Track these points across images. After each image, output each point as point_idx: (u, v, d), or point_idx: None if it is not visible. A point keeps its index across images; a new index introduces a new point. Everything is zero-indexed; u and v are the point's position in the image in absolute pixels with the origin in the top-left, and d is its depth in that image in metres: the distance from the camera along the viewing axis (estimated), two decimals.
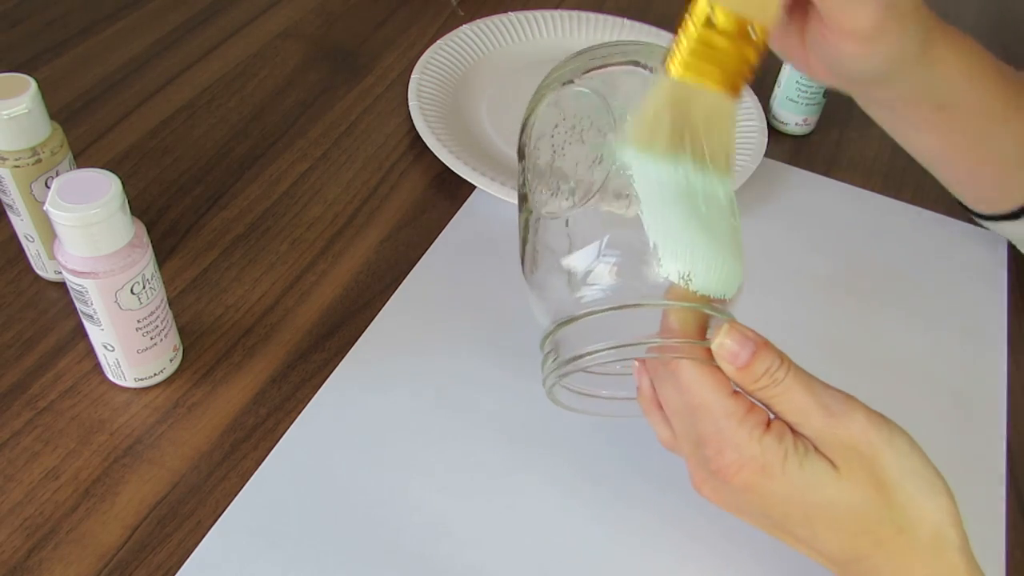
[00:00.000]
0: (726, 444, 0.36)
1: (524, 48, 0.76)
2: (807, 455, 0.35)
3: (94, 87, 0.67)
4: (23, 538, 0.42)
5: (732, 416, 0.36)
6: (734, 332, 0.35)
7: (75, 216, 0.38)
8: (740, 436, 0.35)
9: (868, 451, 0.35)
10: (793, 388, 0.35)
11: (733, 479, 0.36)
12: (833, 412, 0.35)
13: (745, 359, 0.35)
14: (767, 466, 0.35)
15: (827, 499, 0.35)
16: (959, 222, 0.65)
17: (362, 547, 0.42)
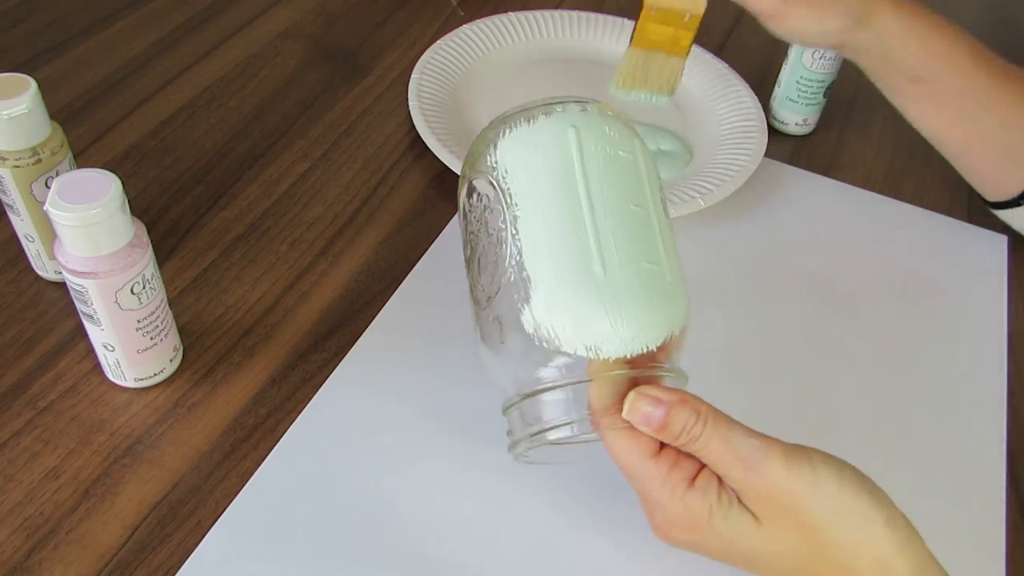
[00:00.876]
0: (655, 505, 0.38)
1: (524, 48, 0.76)
2: (731, 508, 0.36)
3: (94, 87, 0.67)
4: (23, 538, 0.42)
5: (654, 479, 0.37)
6: (642, 398, 0.36)
7: (75, 216, 0.38)
8: (663, 497, 0.37)
9: (788, 501, 0.35)
10: (712, 441, 0.36)
11: (669, 536, 0.38)
12: (750, 465, 0.35)
13: (659, 420, 0.36)
14: (693, 522, 0.37)
15: (752, 549, 0.36)
16: (959, 221, 0.65)
17: (361, 547, 0.42)
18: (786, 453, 0.35)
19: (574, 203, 0.38)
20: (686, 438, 0.36)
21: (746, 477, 0.35)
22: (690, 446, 0.36)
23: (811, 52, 0.67)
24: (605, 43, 0.77)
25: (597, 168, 0.39)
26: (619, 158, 0.40)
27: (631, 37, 0.56)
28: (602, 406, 0.37)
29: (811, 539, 0.35)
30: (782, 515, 0.35)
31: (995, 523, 0.47)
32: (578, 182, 0.38)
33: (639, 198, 0.39)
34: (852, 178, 0.68)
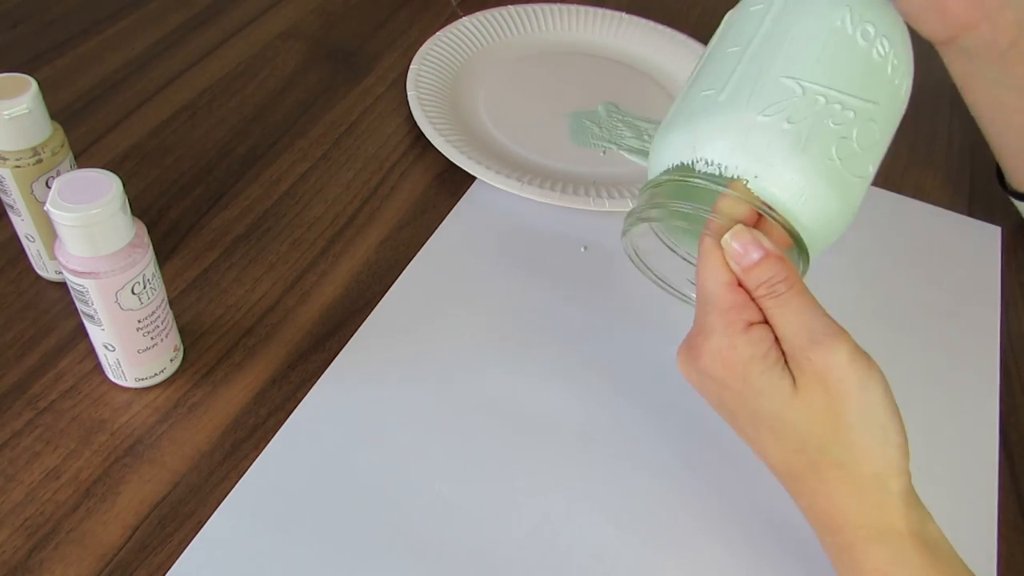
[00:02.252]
0: (705, 329, 0.38)
1: (523, 41, 0.76)
2: (773, 367, 0.36)
3: (95, 87, 0.67)
4: (24, 538, 0.42)
5: (716, 306, 0.37)
6: (742, 234, 0.37)
7: (76, 216, 0.38)
8: (717, 326, 0.37)
9: (836, 387, 0.36)
10: (788, 306, 0.36)
11: (699, 361, 0.38)
12: (816, 340, 0.36)
13: (746, 263, 0.37)
14: (729, 361, 0.37)
15: (774, 411, 0.37)
16: (954, 214, 0.65)
17: (362, 534, 0.43)
18: (853, 347, 0.36)
19: (745, 45, 0.38)
20: (766, 291, 0.37)
21: (806, 349, 0.36)
22: (766, 300, 0.37)
23: None
24: (605, 37, 0.77)
25: (788, 16, 0.39)
26: (815, 12, 0.39)
27: None
28: (721, 214, 0.37)
29: (832, 428, 0.36)
30: (823, 394, 0.36)
31: (988, 511, 0.47)
32: (754, 30, 0.39)
33: (817, 55, 0.38)
34: None
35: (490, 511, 0.45)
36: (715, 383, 0.39)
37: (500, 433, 0.48)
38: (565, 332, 0.53)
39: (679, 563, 0.44)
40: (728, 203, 0.38)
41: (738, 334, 0.37)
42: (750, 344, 0.37)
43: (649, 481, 0.47)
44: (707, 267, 0.38)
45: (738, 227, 0.37)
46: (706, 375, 0.39)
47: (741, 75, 0.38)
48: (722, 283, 0.37)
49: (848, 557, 0.37)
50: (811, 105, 0.37)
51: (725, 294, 0.37)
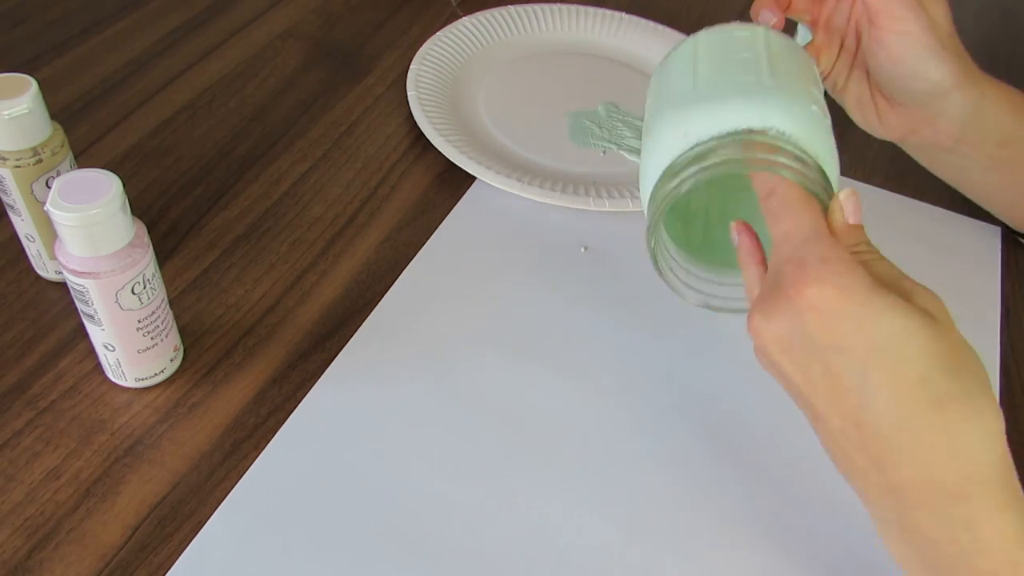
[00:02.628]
0: (815, 261, 0.34)
1: (522, 41, 0.76)
2: (894, 295, 0.34)
3: (95, 87, 0.67)
4: (24, 538, 0.42)
5: (825, 239, 0.35)
6: (855, 196, 0.37)
7: (76, 216, 0.38)
8: (831, 254, 0.34)
9: (947, 320, 0.34)
10: (887, 261, 0.37)
11: (806, 292, 0.34)
12: (916, 284, 0.35)
13: (854, 220, 0.37)
14: (850, 287, 0.33)
15: (905, 328, 0.33)
16: (954, 214, 0.65)
17: (362, 534, 0.43)
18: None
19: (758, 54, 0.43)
20: (867, 247, 0.37)
21: (917, 288, 0.35)
22: (866, 255, 0.36)
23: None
24: (605, 37, 0.77)
25: (709, 42, 0.45)
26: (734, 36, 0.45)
27: None
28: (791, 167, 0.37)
29: (954, 354, 0.33)
30: (943, 324, 0.34)
31: None
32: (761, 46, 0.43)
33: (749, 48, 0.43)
34: (853, 178, 0.68)
35: (490, 511, 0.45)
36: (823, 319, 0.34)
37: (500, 433, 0.48)
38: (565, 332, 0.53)
39: (679, 563, 0.44)
40: (763, 146, 0.38)
41: (853, 261, 0.34)
42: (868, 274, 0.34)
43: (649, 481, 0.47)
44: (803, 208, 0.36)
45: (851, 190, 0.37)
46: (811, 312, 0.34)
47: (776, 71, 0.42)
48: (823, 223, 0.36)
49: (968, 538, 0.32)
50: (820, 100, 0.42)
51: (827, 232, 0.36)
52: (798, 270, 0.35)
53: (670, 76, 0.46)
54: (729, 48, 0.45)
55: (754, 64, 0.42)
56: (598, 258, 0.58)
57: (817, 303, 0.34)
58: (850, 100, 0.54)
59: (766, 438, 0.49)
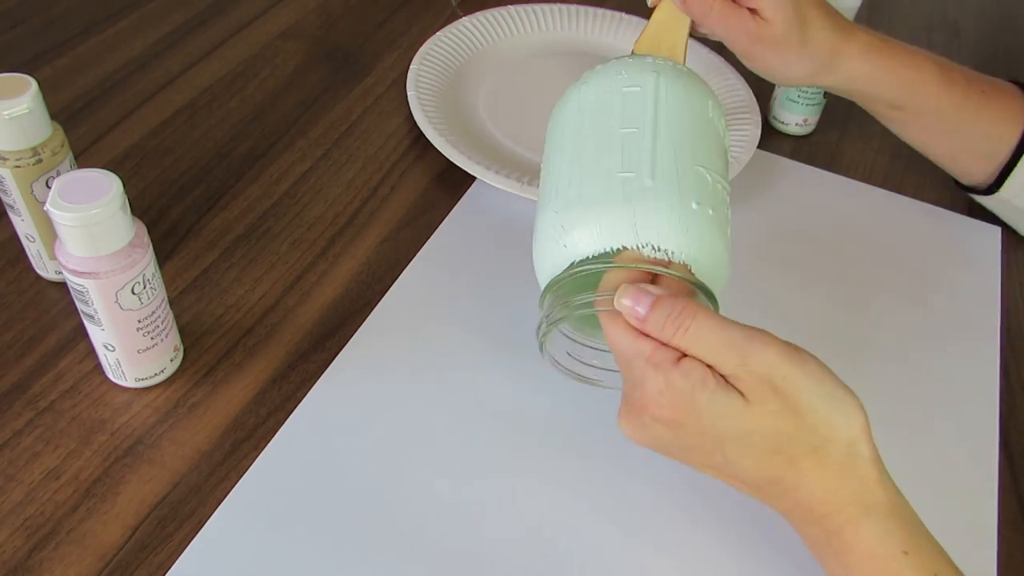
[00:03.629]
0: (639, 382, 0.39)
1: (522, 41, 0.76)
2: (716, 389, 0.37)
3: (95, 87, 0.67)
4: (24, 538, 0.42)
5: (640, 355, 0.38)
6: (628, 289, 0.38)
7: (76, 216, 0.38)
8: (648, 372, 0.38)
9: (782, 384, 0.36)
10: (703, 331, 0.37)
11: (645, 413, 0.39)
12: (745, 351, 0.36)
13: (642, 312, 0.38)
14: (675, 401, 0.37)
15: (737, 428, 0.37)
16: (954, 214, 0.65)
17: (362, 534, 0.43)
18: (778, 341, 0.37)
19: (643, 127, 0.43)
20: (672, 328, 0.37)
21: (741, 361, 0.36)
22: (679, 337, 0.37)
23: None
24: (606, 37, 0.77)
25: (670, 106, 0.43)
26: (691, 104, 0.44)
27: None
28: (609, 286, 0.39)
29: (794, 420, 0.37)
30: (773, 396, 0.36)
31: (987, 512, 0.47)
32: (648, 113, 0.43)
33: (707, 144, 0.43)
34: (852, 178, 0.68)
35: (490, 511, 0.45)
36: (666, 428, 0.39)
37: (500, 433, 0.48)
38: None
39: (678, 563, 0.44)
40: (615, 275, 0.40)
41: (671, 371, 0.37)
42: (685, 376, 0.37)
43: (649, 481, 0.47)
44: (614, 332, 0.39)
45: (622, 286, 0.38)
46: (655, 424, 0.39)
47: (658, 161, 0.41)
48: (632, 337, 0.38)
49: (838, 541, 0.38)
50: (715, 191, 0.42)
51: (640, 344, 0.38)
52: (631, 388, 0.39)
53: (557, 144, 0.45)
54: (613, 116, 0.44)
55: (637, 149, 0.42)
56: None
57: (658, 417, 0.38)
58: (758, 60, 0.57)
59: None
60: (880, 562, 0.37)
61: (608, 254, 0.40)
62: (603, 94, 0.45)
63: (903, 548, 0.37)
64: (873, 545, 0.37)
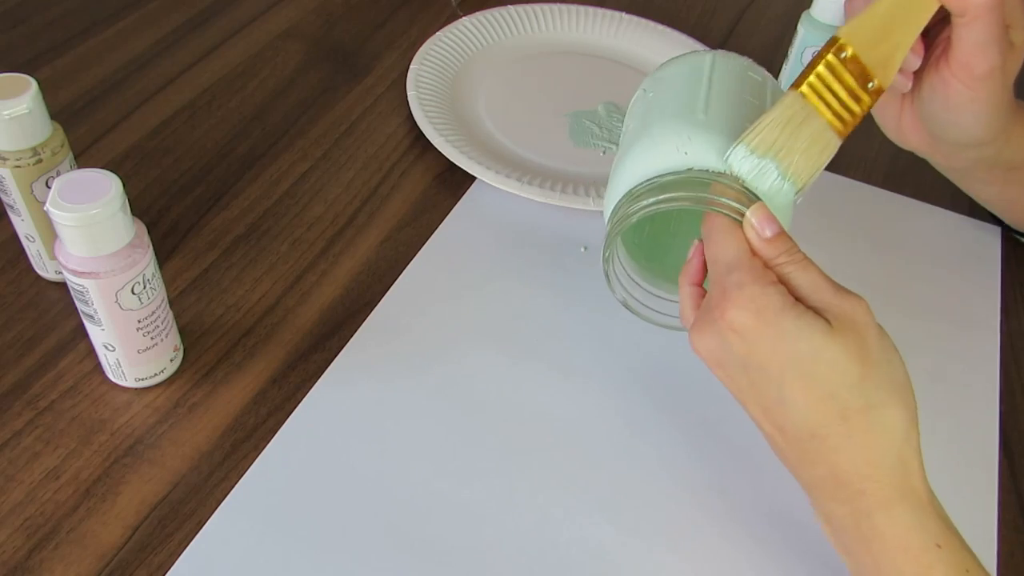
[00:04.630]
0: (733, 286, 0.38)
1: (522, 41, 0.76)
2: (804, 313, 0.37)
3: (95, 87, 0.67)
4: (24, 538, 0.42)
5: (744, 264, 0.39)
6: (762, 210, 0.39)
7: (76, 216, 0.38)
8: (747, 279, 0.38)
9: (863, 329, 0.37)
10: (809, 267, 0.39)
11: (726, 315, 0.38)
12: (839, 291, 0.38)
13: (771, 233, 0.39)
14: (763, 310, 0.37)
15: (812, 348, 0.37)
16: (954, 214, 0.65)
17: (362, 534, 0.43)
18: (868, 306, 0.38)
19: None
20: (786, 257, 0.39)
21: (836, 297, 0.37)
22: (787, 265, 0.39)
23: (812, 52, 0.66)
24: (605, 37, 0.77)
25: (725, 70, 0.45)
26: (748, 76, 0.46)
27: (798, 76, 0.41)
28: (725, 197, 0.40)
29: (862, 368, 0.37)
30: (854, 334, 0.37)
31: (987, 511, 0.47)
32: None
33: (757, 95, 0.44)
34: (852, 178, 0.68)
35: (490, 511, 0.45)
36: (741, 340, 0.38)
37: (500, 432, 0.48)
38: (565, 332, 0.53)
39: (678, 563, 0.44)
40: (720, 187, 0.41)
41: (769, 285, 0.38)
42: (781, 294, 0.37)
43: (649, 481, 0.47)
44: (728, 235, 0.40)
45: (759, 203, 0.40)
46: (731, 333, 0.38)
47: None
48: (744, 248, 0.39)
49: (868, 525, 0.37)
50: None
51: (747, 256, 0.39)
52: (720, 295, 0.39)
53: (679, 85, 0.46)
54: (741, 86, 0.45)
55: (758, 114, 0.43)
56: (598, 258, 0.58)
57: (736, 326, 0.38)
58: (878, 103, 0.51)
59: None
60: (912, 553, 0.37)
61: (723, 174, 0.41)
62: (732, 67, 0.46)
63: (937, 541, 0.36)
64: (906, 534, 0.37)
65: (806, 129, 0.41)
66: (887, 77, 0.41)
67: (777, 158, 0.40)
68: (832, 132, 0.41)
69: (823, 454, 0.38)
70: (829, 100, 0.41)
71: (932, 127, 0.50)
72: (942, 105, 0.47)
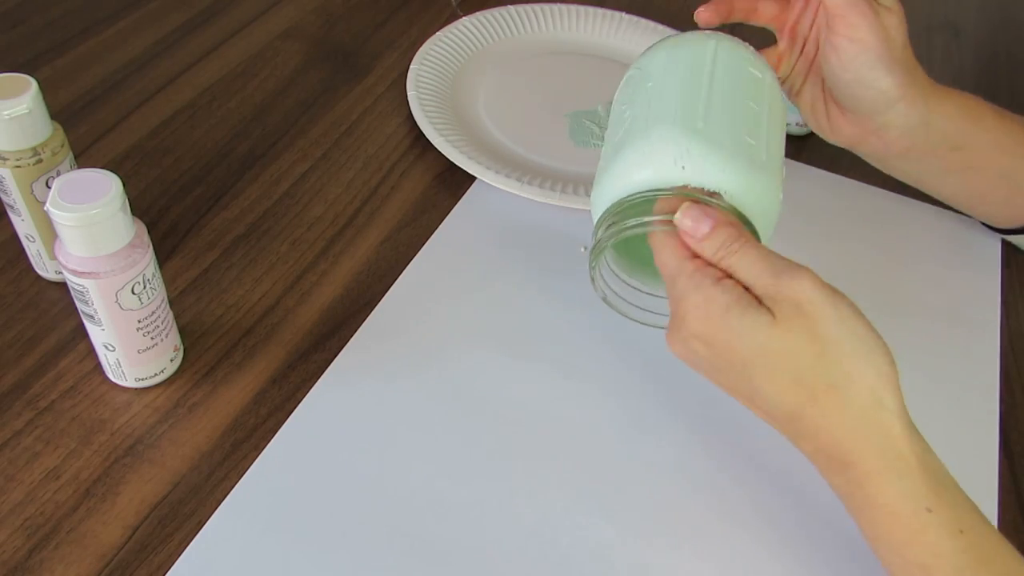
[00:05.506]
0: (680, 297, 0.40)
1: (522, 41, 0.76)
2: (749, 307, 0.38)
3: (95, 87, 0.67)
4: (24, 538, 0.42)
5: (683, 272, 0.40)
6: (691, 209, 0.40)
7: (76, 216, 0.38)
8: (688, 287, 0.40)
9: (809, 308, 0.37)
10: (747, 254, 0.39)
11: (684, 325, 0.40)
12: (780, 273, 0.38)
13: (700, 233, 0.40)
14: (710, 315, 0.39)
15: (760, 344, 0.38)
16: (954, 214, 0.65)
17: (362, 534, 0.43)
18: (815, 276, 0.38)
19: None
20: (724, 251, 0.39)
21: (774, 283, 0.38)
22: (726, 260, 0.39)
23: None
24: (605, 37, 0.77)
25: (726, 66, 0.45)
26: (749, 73, 0.46)
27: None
28: (663, 210, 0.41)
29: (815, 347, 0.37)
30: (800, 318, 0.37)
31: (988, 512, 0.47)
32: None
33: (756, 98, 0.45)
34: (852, 178, 0.68)
35: (490, 511, 0.45)
36: (702, 344, 0.40)
37: (500, 433, 0.48)
38: (565, 332, 0.53)
39: (679, 563, 0.44)
40: (666, 202, 0.41)
41: (709, 287, 0.39)
42: (723, 293, 0.39)
43: (649, 481, 0.47)
44: (665, 249, 0.41)
45: (685, 204, 0.40)
46: (692, 339, 0.40)
47: (770, 142, 0.44)
48: (681, 256, 0.40)
49: (861, 495, 0.38)
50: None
51: (686, 262, 0.40)
52: (674, 305, 0.41)
53: (678, 81, 0.45)
54: (743, 88, 0.45)
55: (755, 125, 0.44)
56: None
57: (695, 332, 0.40)
58: (805, 105, 0.55)
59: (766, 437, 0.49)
60: (902, 519, 0.37)
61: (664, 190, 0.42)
62: (732, 63, 0.46)
63: (927, 505, 0.37)
64: (895, 501, 0.37)
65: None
66: None
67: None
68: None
69: (808, 433, 0.39)
70: None
71: (847, 101, 0.52)
72: (840, 70, 0.50)
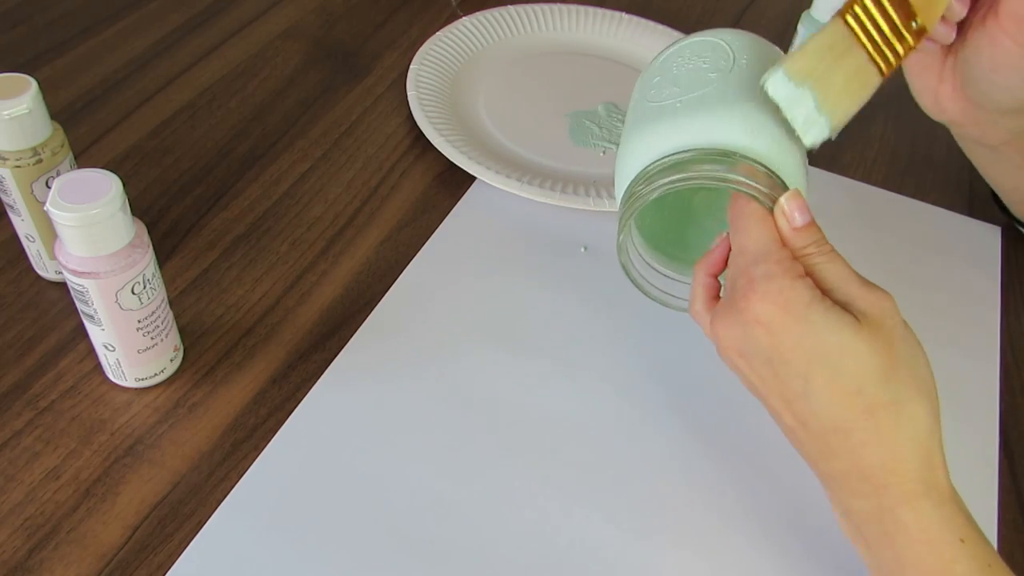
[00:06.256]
0: (761, 278, 0.38)
1: (522, 41, 0.76)
2: (832, 307, 0.37)
3: (95, 87, 0.67)
4: (24, 538, 0.42)
5: (772, 255, 0.38)
6: (798, 197, 0.39)
7: (76, 216, 0.38)
8: (776, 271, 0.38)
9: (890, 323, 0.37)
10: (836, 259, 0.39)
11: (753, 307, 0.38)
12: (866, 284, 0.38)
13: (801, 222, 0.39)
14: (791, 303, 0.37)
15: (840, 344, 0.36)
16: (954, 214, 0.65)
17: (362, 534, 0.43)
18: (894, 301, 0.38)
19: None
20: (815, 248, 0.39)
21: (862, 292, 0.38)
22: (814, 257, 0.39)
23: None
24: (605, 37, 0.77)
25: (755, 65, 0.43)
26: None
27: (843, 6, 0.40)
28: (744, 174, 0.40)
29: (891, 363, 0.37)
30: (882, 329, 0.37)
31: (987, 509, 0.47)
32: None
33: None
34: (852, 178, 0.68)
35: (490, 511, 0.45)
36: (765, 331, 0.38)
37: (500, 433, 0.48)
38: (565, 332, 0.53)
39: (679, 563, 0.44)
40: (746, 168, 0.40)
41: (797, 278, 0.38)
42: (809, 287, 0.37)
43: (649, 481, 0.47)
44: (758, 224, 0.39)
45: (794, 190, 0.39)
46: (755, 324, 0.38)
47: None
48: (774, 237, 0.39)
49: (891, 519, 0.37)
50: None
51: (777, 246, 0.39)
52: (747, 285, 0.38)
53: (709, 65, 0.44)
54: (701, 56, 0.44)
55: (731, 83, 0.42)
56: (598, 258, 0.58)
57: (762, 318, 0.38)
58: (913, 67, 0.51)
59: (766, 436, 0.49)
60: (936, 547, 0.36)
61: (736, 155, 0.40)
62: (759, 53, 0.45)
63: (960, 536, 0.36)
64: (930, 528, 0.36)
65: (847, 61, 0.39)
66: (931, 18, 0.40)
67: (816, 87, 0.38)
68: (873, 68, 0.40)
69: (847, 448, 0.37)
70: (872, 33, 0.39)
71: (974, 92, 0.48)
72: (989, 65, 0.45)
